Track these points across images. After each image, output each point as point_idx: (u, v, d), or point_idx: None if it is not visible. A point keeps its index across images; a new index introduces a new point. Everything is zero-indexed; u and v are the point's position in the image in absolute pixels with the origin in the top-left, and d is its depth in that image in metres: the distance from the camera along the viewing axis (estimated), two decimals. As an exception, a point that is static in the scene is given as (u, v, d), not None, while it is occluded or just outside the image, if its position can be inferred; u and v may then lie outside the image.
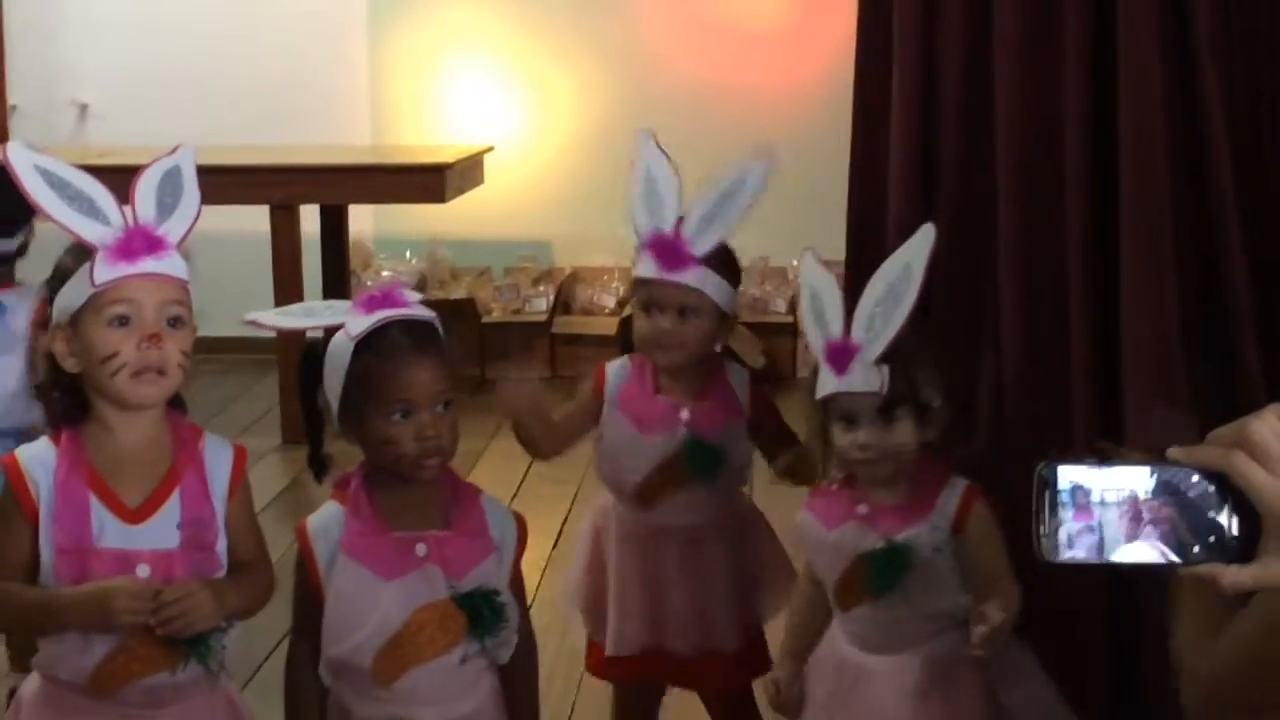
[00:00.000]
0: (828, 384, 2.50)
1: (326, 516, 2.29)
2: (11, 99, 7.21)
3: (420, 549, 2.25)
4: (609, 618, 2.82)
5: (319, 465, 2.38)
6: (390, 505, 2.28)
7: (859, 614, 2.53)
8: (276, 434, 5.74)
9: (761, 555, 2.88)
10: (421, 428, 2.22)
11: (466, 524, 2.29)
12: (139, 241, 2.20)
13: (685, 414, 2.77)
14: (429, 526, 2.27)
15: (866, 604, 2.50)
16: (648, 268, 2.76)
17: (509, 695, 2.35)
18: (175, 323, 2.21)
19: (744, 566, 2.84)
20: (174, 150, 2.31)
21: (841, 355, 2.49)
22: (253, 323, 2.31)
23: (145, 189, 2.24)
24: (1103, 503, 1.34)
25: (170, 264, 2.22)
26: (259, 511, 2.36)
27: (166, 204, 2.25)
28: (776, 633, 2.78)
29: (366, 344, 2.23)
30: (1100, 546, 1.34)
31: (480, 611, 2.24)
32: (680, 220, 2.78)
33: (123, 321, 2.18)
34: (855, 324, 2.49)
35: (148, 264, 2.20)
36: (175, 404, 2.29)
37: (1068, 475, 1.35)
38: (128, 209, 2.22)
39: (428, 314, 2.29)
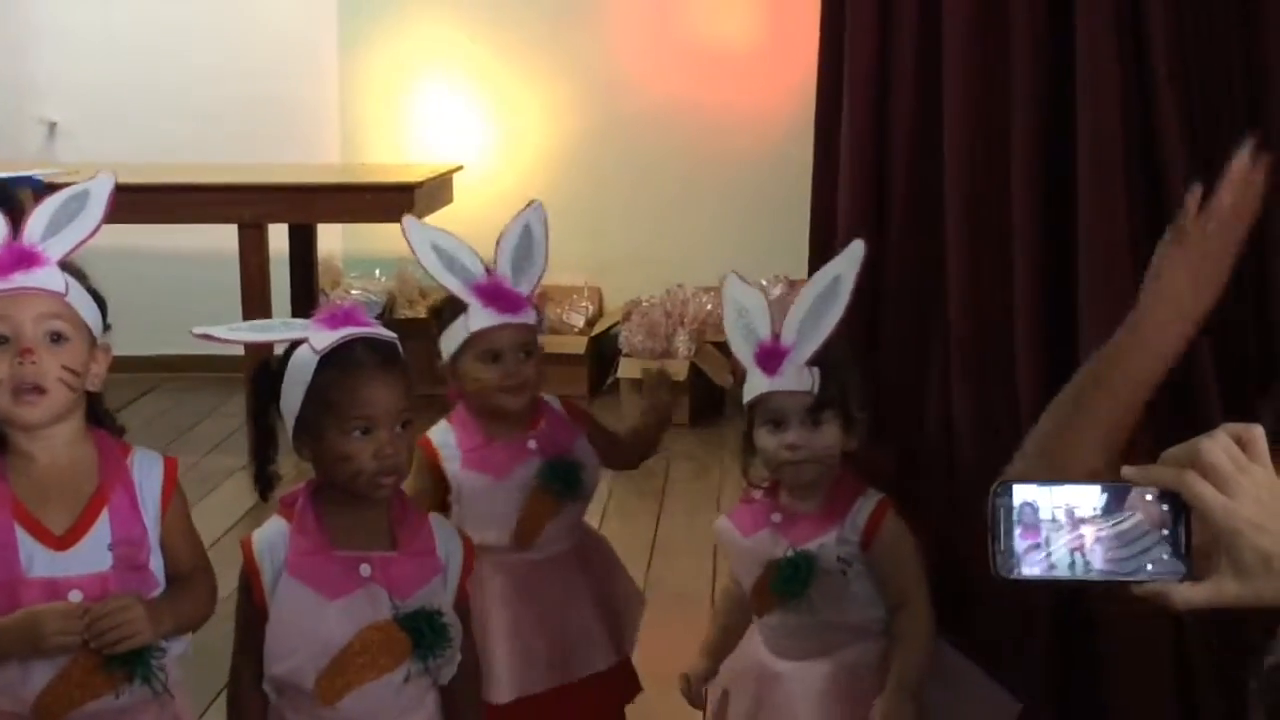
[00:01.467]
0: (758, 385, 2.54)
1: (271, 533, 2.28)
2: (-20, 116, 7.20)
3: (364, 569, 2.24)
4: (493, 665, 2.72)
5: (265, 482, 2.38)
6: (337, 524, 2.27)
7: (771, 620, 2.58)
8: (244, 452, 5.72)
9: (615, 576, 2.94)
10: (381, 445, 2.22)
11: (414, 544, 2.29)
12: (8, 257, 2.18)
13: (532, 443, 2.79)
14: (376, 546, 2.27)
15: (777, 610, 2.55)
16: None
17: (451, 714, 2.35)
18: (56, 338, 2.18)
19: (603, 587, 2.88)
20: (94, 176, 2.30)
21: (771, 357, 2.53)
22: (205, 336, 2.28)
23: (44, 209, 2.24)
24: (1054, 521, 1.37)
25: (43, 278, 2.19)
26: (228, 530, 2.36)
27: (59, 222, 2.23)
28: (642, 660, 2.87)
29: (329, 360, 2.22)
30: (1052, 564, 1.37)
31: (423, 632, 2.24)
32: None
33: (2, 340, 2.17)
34: (785, 328, 2.54)
35: (17, 278, 2.17)
36: (102, 422, 2.27)
37: (1021, 494, 1.37)
38: (8, 232, 2.20)
39: (390, 334, 2.29)
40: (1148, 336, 1.83)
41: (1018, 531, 1.37)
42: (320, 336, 2.24)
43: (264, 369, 2.32)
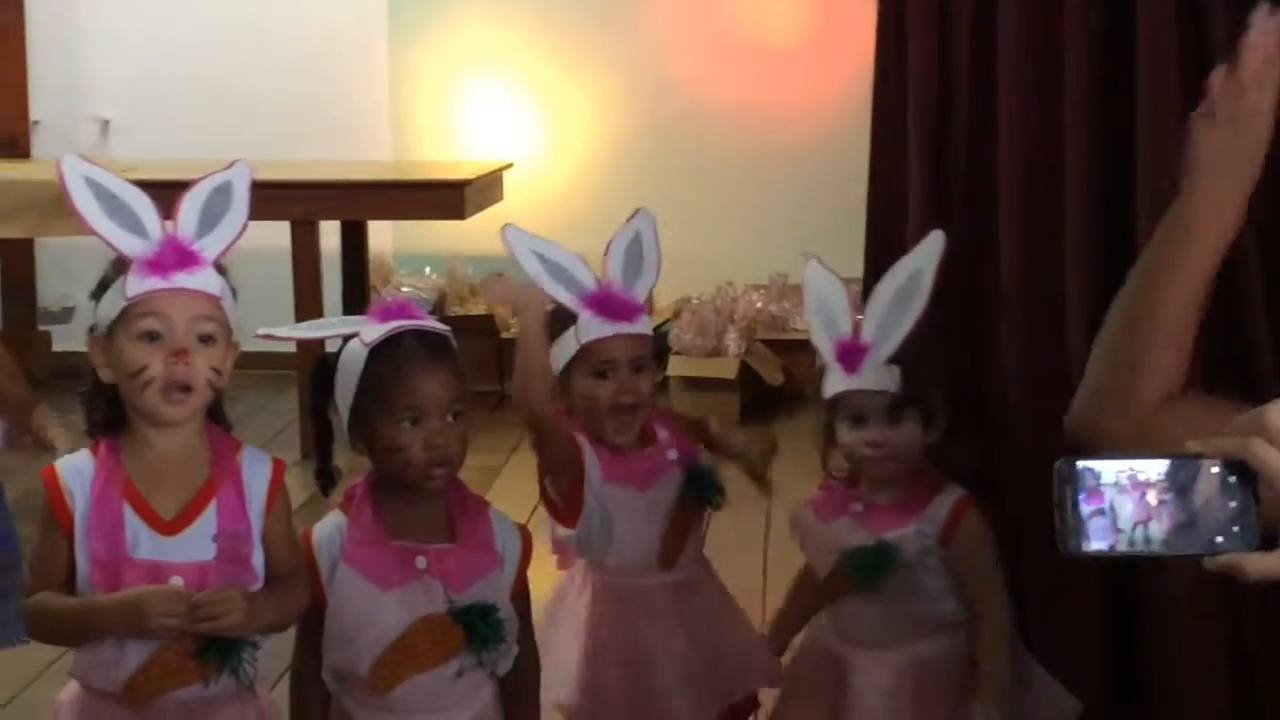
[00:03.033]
0: (838, 383, 2.54)
1: (330, 527, 2.32)
2: (34, 114, 7.25)
3: (420, 561, 2.27)
4: (652, 691, 2.60)
5: (326, 477, 2.40)
6: (395, 517, 2.30)
7: (844, 608, 2.59)
8: (296, 448, 5.74)
9: (726, 606, 2.76)
10: (431, 436, 2.24)
11: (472, 537, 2.31)
12: (170, 255, 2.20)
13: (673, 453, 2.68)
14: (434, 539, 2.29)
15: (850, 598, 2.56)
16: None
17: (506, 707, 2.36)
18: (206, 339, 2.21)
19: (734, 607, 2.76)
20: (230, 165, 2.32)
21: (852, 354, 2.54)
22: (267, 336, 2.31)
23: (190, 204, 2.25)
24: (1120, 494, 1.35)
25: (203, 279, 2.22)
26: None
27: (208, 220, 2.25)
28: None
29: (380, 352, 2.26)
30: (1117, 538, 1.35)
31: (477, 626, 2.25)
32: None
33: (153, 336, 2.18)
34: (865, 325, 2.54)
35: (179, 278, 2.20)
36: (215, 416, 2.30)
37: (1086, 468, 1.36)
38: (170, 223, 2.23)
39: (442, 328, 2.31)
40: (1195, 229, 1.79)
41: (1083, 505, 1.35)
42: (371, 329, 2.27)
43: (321, 365, 2.35)
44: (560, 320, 2.64)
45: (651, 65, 7.11)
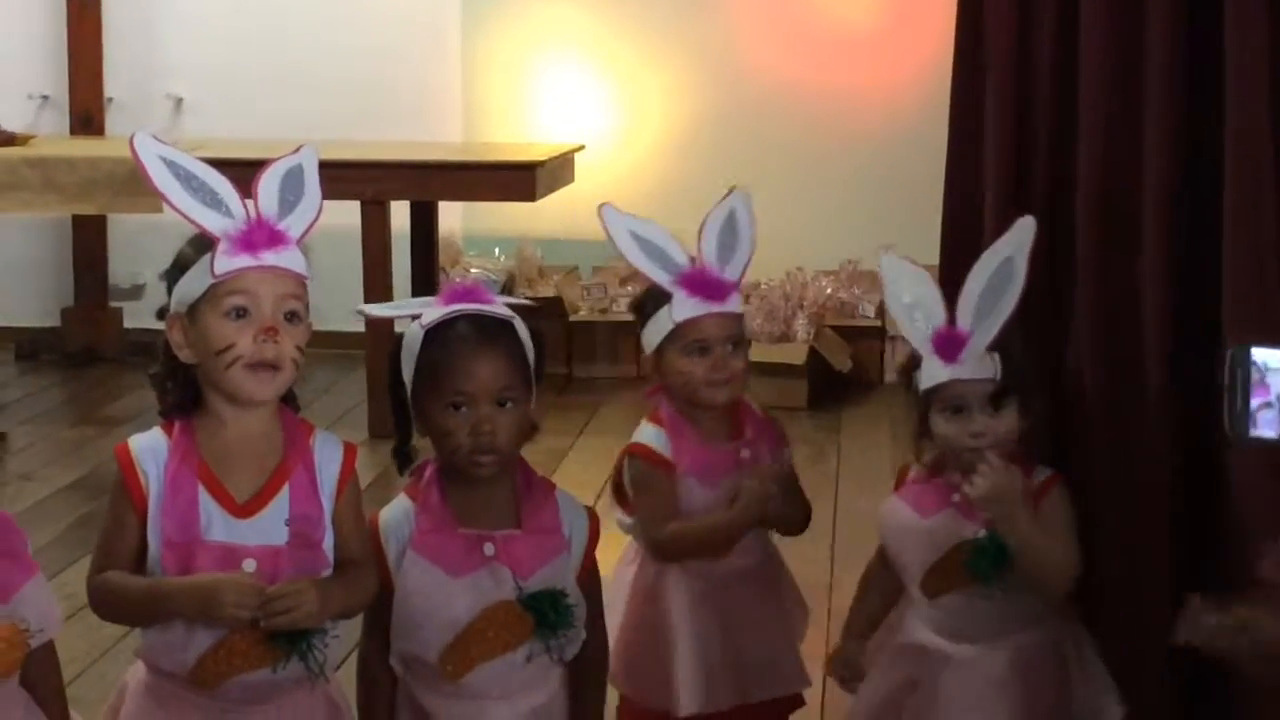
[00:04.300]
0: (937, 373, 2.51)
1: (398, 512, 2.31)
2: (109, 92, 7.29)
3: (488, 548, 2.26)
4: (679, 674, 2.65)
5: (403, 457, 2.39)
6: (462, 501, 2.29)
7: (947, 602, 2.55)
8: (364, 428, 5.76)
9: (789, 586, 2.83)
10: (478, 422, 2.23)
11: (538, 521, 2.30)
12: (261, 234, 2.20)
13: (746, 453, 2.70)
14: (500, 523, 2.28)
15: (957, 592, 2.52)
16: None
17: (574, 689, 2.35)
18: (292, 317, 2.20)
19: (784, 599, 2.80)
20: (297, 150, 2.32)
21: (950, 344, 2.51)
22: (363, 314, 2.30)
23: (268, 184, 2.25)
24: None
25: (290, 258, 2.21)
26: (345, 505, 2.35)
27: (288, 200, 2.25)
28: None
29: (434, 335, 2.26)
30: None
31: (546, 613, 2.25)
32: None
33: (240, 313, 2.18)
34: (960, 314, 2.52)
35: (268, 257, 2.19)
36: (287, 399, 2.29)
37: (1260, 356, 1.33)
38: (249, 203, 2.22)
39: (504, 312, 2.29)
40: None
41: (1259, 394, 1.33)
42: (431, 312, 2.28)
43: (397, 344, 2.35)
44: (654, 298, 2.68)
45: (726, 48, 7.07)
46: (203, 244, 2.20)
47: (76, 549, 3.87)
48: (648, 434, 2.70)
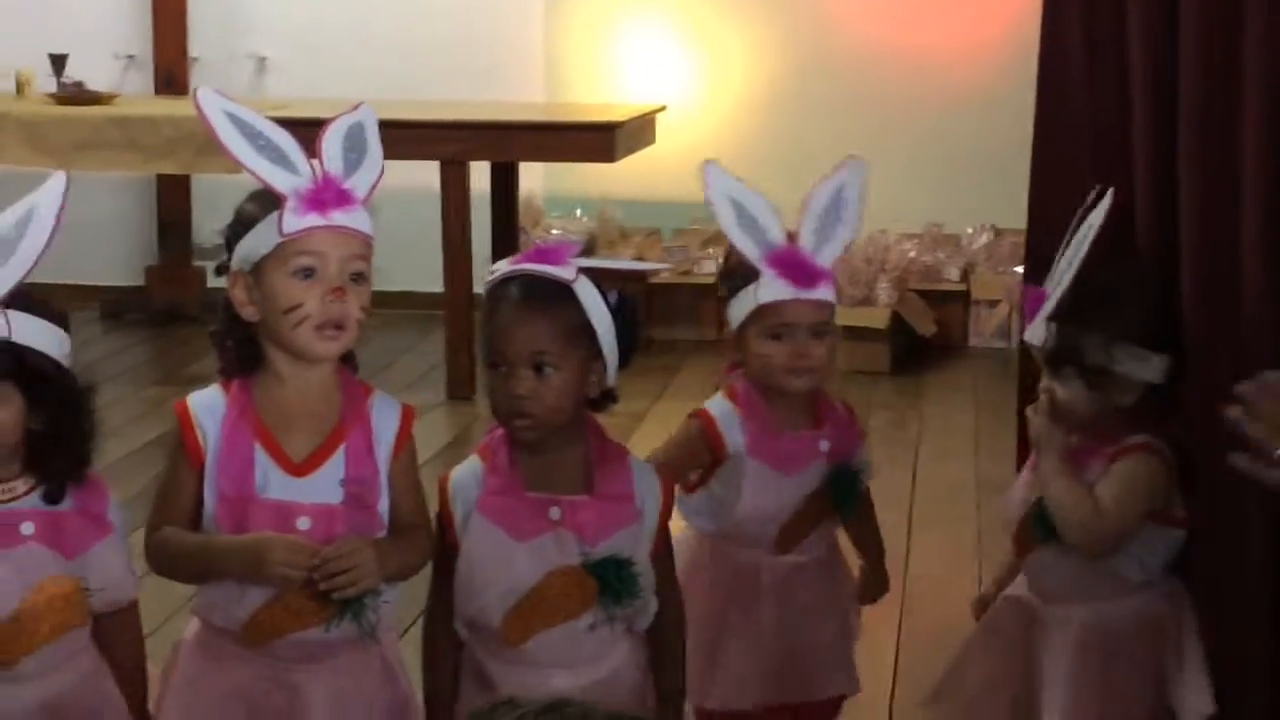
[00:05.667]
0: (1035, 333, 2.59)
1: (467, 473, 2.28)
2: (193, 51, 7.32)
3: (554, 512, 2.22)
4: (723, 667, 2.58)
5: None
6: (532, 464, 2.26)
7: (1031, 561, 2.59)
8: (442, 390, 5.77)
9: (849, 587, 2.76)
10: (512, 385, 2.20)
11: (609, 488, 2.25)
12: (330, 193, 2.19)
13: (825, 444, 2.60)
14: (571, 488, 2.24)
15: (1035, 551, 2.56)
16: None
17: (653, 660, 2.32)
18: (358, 278, 2.20)
19: (845, 596, 2.74)
20: (356, 107, 2.30)
21: (1035, 304, 2.58)
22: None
23: (332, 142, 2.24)
24: None
25: (357, 218, 2.20)
26: (420, 466, 2.34)
27: (352, 159, 2.23)
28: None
29: (490, 293, 2.25)
30: None
31: (610, 580, 2.21)
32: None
33: (308, 273, 2.17)
34: (1049, 277, 2.55)
35: (337, 216, 2.18)
36: (346, 360, 2.28)
37: None
38: (314, 162, 2.21)
39: (564, 275, 2.21)
40: None
41: None
42: (497, 270, 2.27)
43: None
44: (744, 273, 2.56)
45: (808, 7, 7.00)
46: (265, 200, 2.19)
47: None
48: (719, 406, 2.61)
